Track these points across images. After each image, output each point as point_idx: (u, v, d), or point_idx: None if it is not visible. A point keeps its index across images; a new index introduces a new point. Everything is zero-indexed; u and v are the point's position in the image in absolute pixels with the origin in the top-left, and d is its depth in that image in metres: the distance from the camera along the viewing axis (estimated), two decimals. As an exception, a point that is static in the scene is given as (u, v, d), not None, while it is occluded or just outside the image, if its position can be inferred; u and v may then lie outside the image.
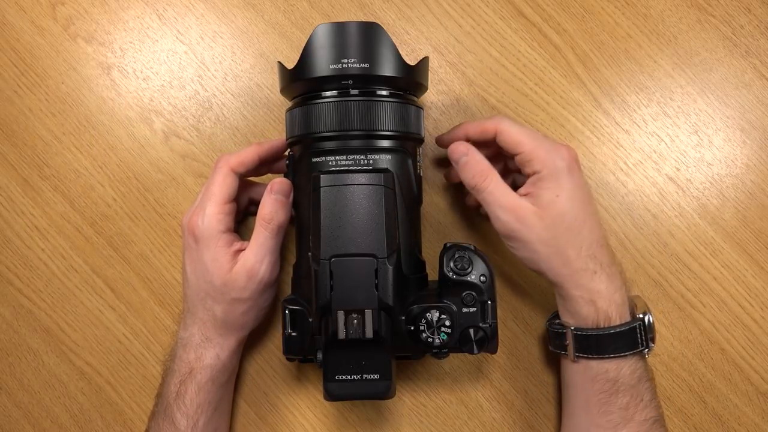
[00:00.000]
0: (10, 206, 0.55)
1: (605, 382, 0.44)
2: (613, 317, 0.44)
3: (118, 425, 0.55)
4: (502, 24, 0.54)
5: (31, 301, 0.55)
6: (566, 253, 0.43)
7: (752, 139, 0.54)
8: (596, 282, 0.44)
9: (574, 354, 0.45)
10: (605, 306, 0.44)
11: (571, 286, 0.44)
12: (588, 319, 0.44)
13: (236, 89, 0.55)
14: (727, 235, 0.53)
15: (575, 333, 0.44)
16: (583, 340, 0.44)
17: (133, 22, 0.56)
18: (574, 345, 0.45)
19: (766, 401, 0.53)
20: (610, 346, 0.44)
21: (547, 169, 0.43)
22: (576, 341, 0.44)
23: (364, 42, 0.42)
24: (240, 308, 0.47)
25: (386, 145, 0.44)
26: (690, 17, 0.54)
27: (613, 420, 0.44)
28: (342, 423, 0.54)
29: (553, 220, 0.43)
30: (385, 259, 0.41)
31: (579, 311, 0.44)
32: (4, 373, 0.55)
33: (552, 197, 0.43)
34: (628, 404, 0.44)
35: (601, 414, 0.44)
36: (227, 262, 0.45)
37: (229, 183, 0.47)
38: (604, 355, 0.44)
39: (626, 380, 0.44)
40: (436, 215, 0.54)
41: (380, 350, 0.42)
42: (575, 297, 0.44)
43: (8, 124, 0.55)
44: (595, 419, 0.44)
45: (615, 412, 0.44)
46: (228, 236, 0.46)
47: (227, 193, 0.46)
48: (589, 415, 0.45)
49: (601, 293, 0.44)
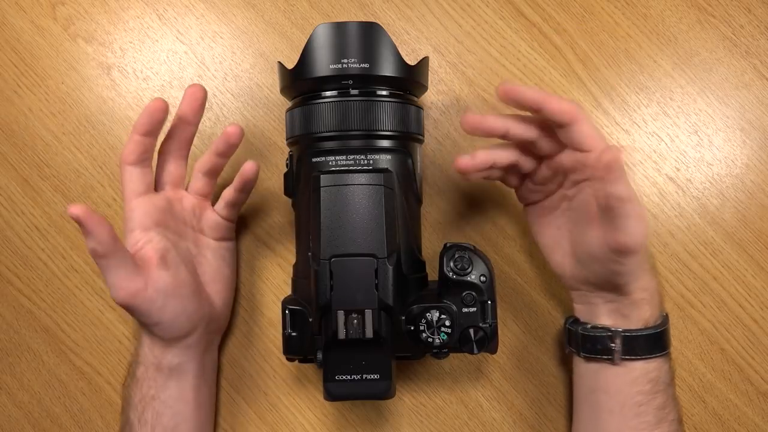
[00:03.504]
0: (10, 206, 0.55)
1: (647, 383, 0.43)
2: (658, 315, 0.43)
3: (118, 425, 0.54)
4: (502, 24, 0.54)
5: (31, 301, 0.55)
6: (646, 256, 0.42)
7: (752, 139, 0.54)
8: (653, 280, 0.43)
9: (621, 356, 0.43)
10: (659, 303, 0.43)
11: (640, 288, 0.43)
12: (642, 319, 0.43)
13: (236, 89, 0.55)
14: (727, 235, 0.53)
15: (625, 335, 0.43)
16: (633, 342, 0.43)
17: (133, 22, 0.56)
18: (622, 347, 0.43)
19: (766, 401, 0.53)
20: (657, 345, 0.43)
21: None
22: (626, 343, 0.43)
23: (364, 42, 0.42)
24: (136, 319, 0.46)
25: (386, 145, 0.44)
26: (690, 17, 0.54)
27: (648, 421, 0.43)
28: (342, 423, 0.54)
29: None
30: (385, 259, 0.41)
31: (637, 312, 0.43)
32: (4, 373, 0.55)
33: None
34: (665, 404, 0.43)
35: (636, 416, 0.43)
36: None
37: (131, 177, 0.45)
38: (652, 355, 0.43)
39: (664, 379, 0.43)
40: (436, 215, 0.54)
41: (380, 350, 0.42)
42: (639, 299, 0.43)
43: (8, 124, 0.55)
44: (629, 422, 0.43)
45: (651, 412, 0.43)
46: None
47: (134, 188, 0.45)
48: (622, 418, 0.43)
49: (659, 292, 0.43)
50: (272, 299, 0.54)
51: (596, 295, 0.45)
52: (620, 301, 0.44)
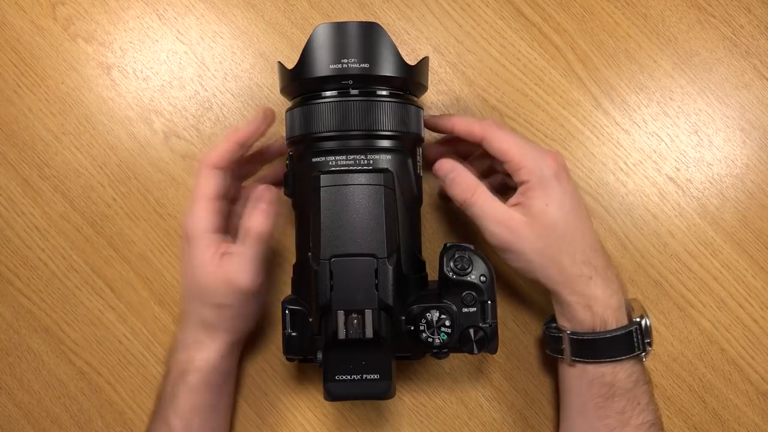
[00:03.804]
0: (10, 206, 0.55)
1: (601, 386, 0.44)
2: (609, 321, 0.44)
3: (118, 425, 0.55)
4: (502, 24, 0.54)
5: (31, 301, 0.55)
6: (561, 260, 0.43)
7: (752, 139, 0.54)
8: (592, 287, 0.44)
9: (570, 358, 0.45)
10: (601, 311, 0.44)
11: (568, 292, 0.44)
12: (584, 323, 0.44)
13: (236, 89, 0.55)
14: (727, 235, 0.53)
15: (571, 337, 0.45)
16: (579, 345, 0.44)
17: (133, 22, 0.56)
18: (570, 349, 0.45)
19: (766, 401, 0.53)
20: (606, 351, 0.44)
21: (535, 178, 0.43)
22: (572, 345, 0.45)
23: (364, 42, 0.42)
24: (226, 313, 0.46)
25: (386, 145, 0.44)
26: (690, 17, 0.54)
27: (609, 424, 0.44)
28: (342, 423, 0.54)
29: (544, 229, 0.43)
30: (385, 259, 0.41)
31: (575, 316, 0.44)
32: (4, 373, 0.55)
33: (542, 206, 0.43)
34: (625, 408, 0.44)
35: (597, 418, 0.44)
36: (212, 264, 0.45)
37: (212, 180, 0.45)
38: (600, 359, 0.44)
39: (622, 384, 0.44)
40: (436, 215, 0.54)
41: (380, 350, 0.42)
42: (571, 303, 0.44)
43: (8, 124, 0.55)
44: (592, 423, 0.44)
45: (611, 416, 0.44)
46: (215, 237, 0.45)
47: (211, 191, 0.45)
48: (586, 419, 0.45)
49: (597, 298, 0.44)
50: (272, 299, 0.54)
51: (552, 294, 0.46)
52: (559, 302, 0.45)
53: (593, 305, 0.44)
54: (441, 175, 0.46)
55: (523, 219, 0.43)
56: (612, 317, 0.44)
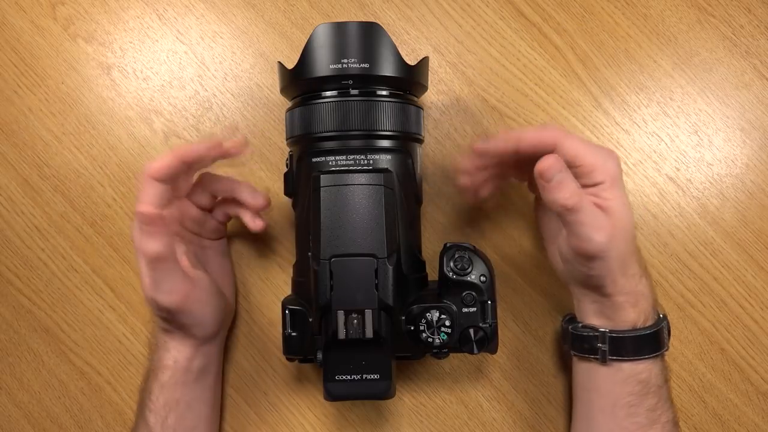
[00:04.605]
0: (10, 206, 0.55)
1: (636, 384, 0.43)
2: (648, 318, 0.44)
3: (118, 425, 0.55)
4: (502, 24, 0.54)
5: (31, 301, 0.55)
6: (627, 261, 0.43)
7: (752, 139, 0.54)
8: (641, 286, 0.43)
9: (608, 357, 0.44)
10: (646, 307, 0.43)
11: (622, 292, 0.43)
12: (628, 321, 0.43)
13: (236, 89, 0.55)
14: (727, 235, 0.53)
15: (611, 336, 0.43)
16: (619, 343, 0.43)
17: (133, 22, 0.56)
18: (609, 348, 0.43)
19: (766, 401, 0.53)
20: (645, 347, 0.43)
21: (609, 178, 0.42)
22: (612, 344, 0.43)
23: (364, 42, 0.42)
24: (175, 322, 0.46)
25: (386, 145, 0.44)
26: (690, 17, 0.54)
27: (639, 422, 0.43)
28: (342, 423, 0.54)
29: (623, 231, 0.42)
30: (385, 259, 0.41)
31: (620, 314, 0.43)
32: (4, 373, 0.55)
33: (620, 207, 0.42)
34: (656, 405, 0.43)
35: (627, 416, 0.43)
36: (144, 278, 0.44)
37: (150, 192, 0.43)
38: (640, 357, 0.43)
39: (655, 381, 0.44)
40: (436, 215, 0.54)
41: (380, 350, 0.42)
42: (620, 302, 0.43)
43: (8, 124, 0.55)
44: (621, 422, 0.44)
45: (642, 413, 0.43)
46: None
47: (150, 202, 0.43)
48: (614, 418, 0.44)
49: (645, 296, 0.44)
50: (272, 299, 0.54)
51: (583, 294, 0.45)
52: (602, 302, 0.44)
53: (641, 302, 0.43)
54: (549, 175, 0.41)
55: (612, 222, 0.41)
56: (651, 314, 0.44)
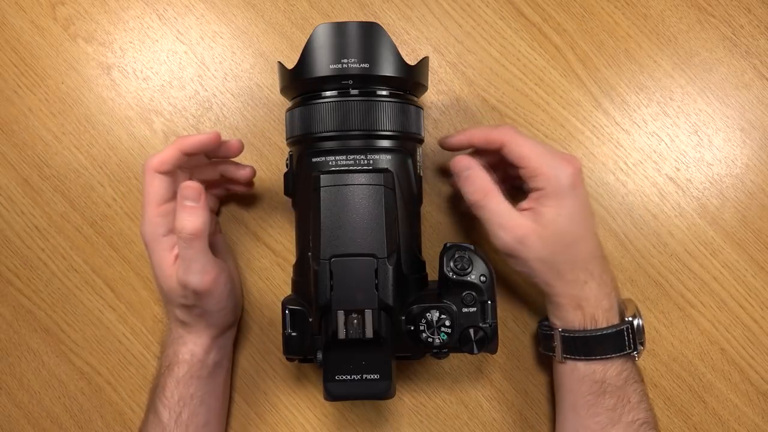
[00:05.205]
0: (10, 206, 0.55)
1: (592, 384, 0.44)
2: (599, 320, 0.44)
3: (118, 425, 0.55)
4: (502, 24, 0.54)
5: (31, 301, 0.55)
6: (561, 268, 0.44)
7: (752, 139, 0.54)
8: (585, 291, 0.44)
9: (561, 355, 0.45)
10: (591, 310, 0.44)
11: (560, 294, 0.45)
12: (575, 322, 0.45)
13: (236, 89, 0.55)
14: (727, 235, 0.53)
15: (562, 334, 0.45)
16: (570, 342, 0.45)
17: (133, 22, 0.56)
18: (561, 346, 0.45)
19: (766, 401, 0.53)
20: (596, 348, 0.44)
21: (551, 186, 0.43)
22: (563, 342, 0.45)
23: (364, 42, 0.42)
24: (195, 312, 0.46)
25: (386, 145, 0.44)
26: (690, 17, 0.54)
27: (600, 421, 0.44)
28: (342, 423, 0.54)
29: (552, 239, 0.43)
30: (385, 259, 0.41)
31: (566, 315, 0.45)
32: (4, 373, 0.55)
33: (554, 216, 0.43)
34: (615, 405, 0.44)
35: (589, 415, 0.44)
36: (168, 267, 0.44)
37: (156, 184, 0.44)
38: (591, 357, 0.44)
39: (613, 381, 0.44)
40: (436, 215, 0.54)
41: (380, 350, 0.42)
42: (563, 303, 0.45)
43: (8, 124, 0.55)
44: (584, 420, 0.45)
45: (602, 413, 0.44)
46: (168, 240, 0.45)
47: (158, 195, 0.44)
48: (577, 416, 0.45)
49: (589, 300, 0.44)
50: (272, 299, 0.54)
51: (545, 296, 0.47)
52: (551, 302, 0.46)
53: (584, 306, 0.44)
54: (457, 171, 0.45)
55: (531, 227, 0.43)
56: (602, 317, 0.44)
